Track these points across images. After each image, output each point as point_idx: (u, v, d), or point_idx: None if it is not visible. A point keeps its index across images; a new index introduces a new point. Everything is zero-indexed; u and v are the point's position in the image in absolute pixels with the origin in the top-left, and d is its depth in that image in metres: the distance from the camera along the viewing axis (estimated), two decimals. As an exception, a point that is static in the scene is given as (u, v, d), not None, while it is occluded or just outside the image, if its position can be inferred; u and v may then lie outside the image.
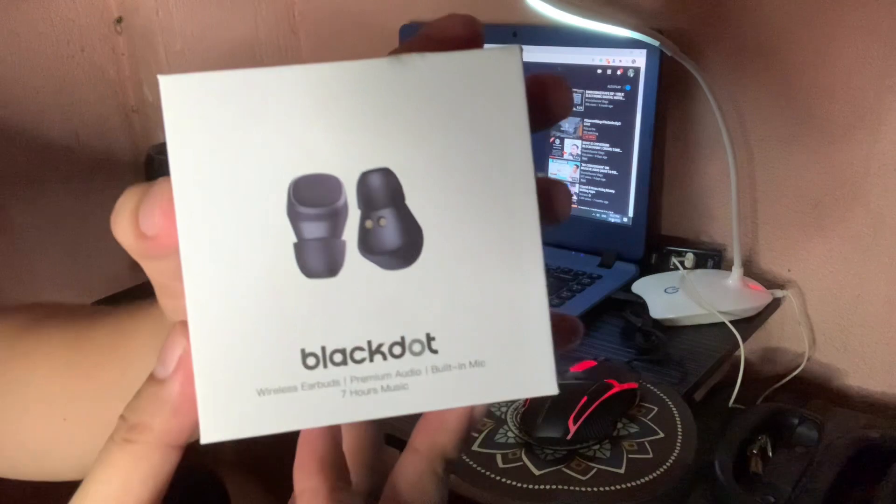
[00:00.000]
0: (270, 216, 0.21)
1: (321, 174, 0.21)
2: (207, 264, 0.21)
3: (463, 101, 0.22)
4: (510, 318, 0.22)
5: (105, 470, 0.23)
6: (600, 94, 1.03)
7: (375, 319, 0.21)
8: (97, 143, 1.21)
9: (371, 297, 0.21)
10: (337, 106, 0.21)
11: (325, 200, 0.21)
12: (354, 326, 0.21)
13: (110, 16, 1.20)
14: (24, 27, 1.10)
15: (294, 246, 0.21)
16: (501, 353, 0.22)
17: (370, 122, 0.21)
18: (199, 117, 0.21)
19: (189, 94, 0.21)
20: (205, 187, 0.21)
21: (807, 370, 0.98)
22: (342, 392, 0.21)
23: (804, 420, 0.82)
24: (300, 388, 0.21)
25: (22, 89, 1.12)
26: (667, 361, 0.86)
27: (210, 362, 0.21)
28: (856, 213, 0.93)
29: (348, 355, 0.21)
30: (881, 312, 0.94)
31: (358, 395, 0.21)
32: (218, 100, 0.21)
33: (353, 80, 0.21)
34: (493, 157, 0.22)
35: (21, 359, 0.41)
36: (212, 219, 0.21)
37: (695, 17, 0.98)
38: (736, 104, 0.97)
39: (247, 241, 0.21)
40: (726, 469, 0.74)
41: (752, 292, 0.94)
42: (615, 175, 1.04)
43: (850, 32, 0.88)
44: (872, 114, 0.89)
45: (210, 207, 0.21)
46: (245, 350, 0.21)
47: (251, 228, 0.21)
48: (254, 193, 0.21)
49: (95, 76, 1.19)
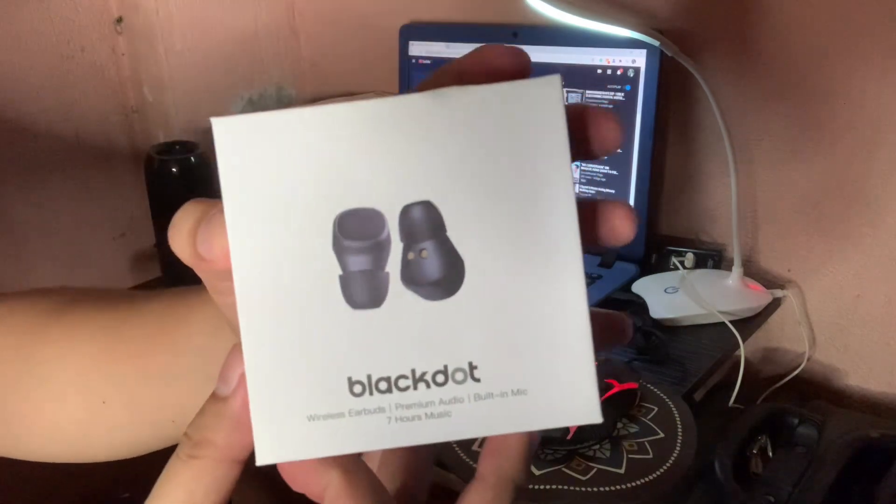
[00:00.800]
0: (318, 250, 0.22)
1: (365, 208, 0.22)
2: (259, 296, 0.22)
3: (503, 134, 0.22)
4: (552, 348, 0.22)
5: (170, 484, 0.24)
6: (600, 94, 1.03)
7: (419, 349, 0.22)
8: (97, 143, 1.21)
9: (414, 326, 0.22)
10: (378, 141, 0.22)
11: (369, 234, 0.22)
12: (399, 355, 0.22)
13: (110, 16, 1.20)
14: (24, 27, 1.10)
15: (340, 278, 0.22)
16: (544, 382, 0.22)
17: (411, 156, 0.22)
18: (250, 156, 0.22)
19: (239, 135, 0.22)
20: (256, 222, 0.22)
21: (807, 370, 0.98)
22: (388, 419, 0.22)
23: (804, 420, 0.82)
24: (347, 415, 0.22)
25: (22, 89, 1.12)
26: (667, 361, 0.86)
27: (263, 390, 0.22)
28: (856, 213, 0.93)
29: (393, 383, 0.22)
30: (881, 312, 0.94)
31: (403, 421, 0.22)
32: (266, 139, 0.22)
33: (394, 116, 0.22)
34: (533, 188, 0.22)
35: (53, 344, 0.41)
36: (263, 252, 0.22)
37: (695, 18, 0.98)
38: (736, 104, 0.97)
39: (296, 273, 0.22)
40: (726, 469, 0.74)
41: (752, 292, 0.94)
42: (615, 175, 1.04)
43: (851, 32, 0.88)
44: (872, 114, 0.89)
45: (261, 242, 0.22)
46: (295, 378, 0.22)
47: (300, 261, 0.22)
48: (302, 228, 0.22)
49: (95, 76, 1.19)
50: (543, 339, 0.22)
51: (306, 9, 1.36)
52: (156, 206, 1.06)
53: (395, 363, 0.22)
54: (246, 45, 1.30)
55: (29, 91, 1.12)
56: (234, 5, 1.27)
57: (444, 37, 1.16)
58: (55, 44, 1.14)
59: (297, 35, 1.37)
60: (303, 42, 1.38)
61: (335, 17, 1.34)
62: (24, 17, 1.10)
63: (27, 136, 1.13)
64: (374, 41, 1.28)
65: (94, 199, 1.22)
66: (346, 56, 1.35)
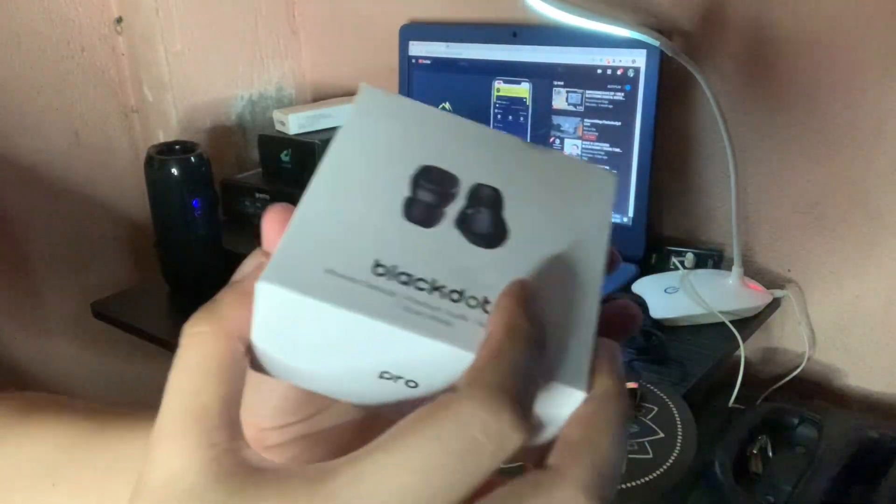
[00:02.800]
0: (399, 175, 0.26)
1: (449, 171, 0.27)
2: (338, 171, 0.26)
3: (567, 182, 0.29)
4: (562, 314, 0.25)
5: (178, 370, 0.23)
6: (600, 94, 1.03)
7: (446, 269, 0.24)
8: (97, 143, 1.21)
9: (449, 254, 0.25)
10: (477, 141, 0.28)
11: (443, 183, 0.26)
12: (427, 264, 0.24)
13: (110, 16, 1.20)
14: (24, 27, 1.10)
15: (405, 199, 0.26)
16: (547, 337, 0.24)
17: (494, 158, 0.28)
18: (382, 108, 0.28)
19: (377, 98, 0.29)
20: (365, 138, 0.27)
21: (807, 370, 0.98)
22: (395, 302, 0.23)
23: (804, 420, 0.82)
24: (361, 284, 0.23)
25: (22, 89, 1.12)
26: (667, 361, 0.85)
27: (298, 233, 0.24)
28: (856, 213, 0.93)
29: (413, 281, 0.24)
30: (881, 312, 0.94)
31: (408, 311, 0.23)
32: (397, 105, 0.29)
33: (492, 134, 0.29)
34: (577, 218, 0.28)
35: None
36: (358, 153, 0.26)
37: (695, 18, 0.98)
38: (736, 104, 0.97)
39: (375, 178, 0.26)
40: (726, 469, 0.74)
41: (752, 292, 0.94)
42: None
43: (851, 32, 0.88)
44: (872, 114, 0.89)
45: (361, 146, 0.27)
46: (332, 237, 0.24)
47: (380, 172, 0.26)
48: (394, 156, 0.27)
49: (95, 76, 1.19)
50: (555, 307, 0.25)
51: (306, 9, 1.36)
52: (156, 206, 1.06)
53: (421, 268, 0.24)
54: (246, 45, 1.30)
55: (29, 91, 1.13)
56: (234, 5, 1.27)
57: (444, 37, 1.16)
58: (55, 44, 1.14)
59: (297, 35, 1.37)
60: (303, 42, 1.38)
61: (335, 17, 1.34)
62: (24, 17, 1.10)
63: (27, 136, 1.13)
64: (374, 41, 1.28)
65: (94, 199, 1.22)
66: (346, 56, 1.35)
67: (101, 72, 1.20)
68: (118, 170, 1.24)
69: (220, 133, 1.29)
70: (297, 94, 1.39)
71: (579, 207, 0.28)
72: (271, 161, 1.21)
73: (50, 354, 1.22)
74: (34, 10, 1.11)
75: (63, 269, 1.21)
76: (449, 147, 0.28)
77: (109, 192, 1.23)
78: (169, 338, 1.02)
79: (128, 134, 1.25)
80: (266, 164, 1.23)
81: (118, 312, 1.08)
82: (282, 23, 1.35)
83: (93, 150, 1.21)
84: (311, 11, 1.35)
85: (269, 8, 1.32)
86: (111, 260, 1.26)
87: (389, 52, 1.22)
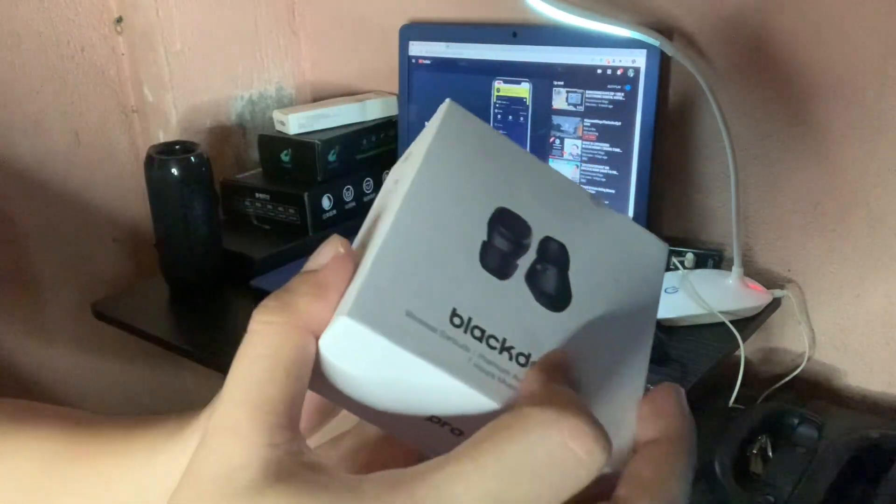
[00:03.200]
0: (477, 214, 0.26)
1: (522, 217, 0.27)
2: (420, 209, 0.25)
3: (625, 246, 0.29)
4: (611, 392, 0.26)
5: (246, 359, 0.23)
6: (600, 94, 1.03)
7: (516, 328, 0.24)
8: (97, 143, 1.21)
9: (519, 312, 0.25)
10: (547, 186, 0.28)
11: (519, 231, 0.26)
12: (500, 321, 0.24)
13: (110, 16, 1.20)
14: (24, 27, 1.10)
15: (483, 243, 0.25)
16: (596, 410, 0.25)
17: (562, 209, 0.28)
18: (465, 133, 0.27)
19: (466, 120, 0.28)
20: (447, 168, 0.26)
21: (807, 370, 0.98)
22: (468, 358, 0.23)
23: (804, 420, 0.82)
24: (438, 333, 0.23)
25: (22, 89, 1.12)
26: (667, 361, 0.85)
27: (385, 267, 0.23)
28: (856, 212, 0.93)
29: (485, 337, 0.24)
30: (881, 312, 0.94)
31: (479, 368, 0.23)
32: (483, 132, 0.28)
33: (561, 180, 0.29)
34: (633, 288, 0.28)
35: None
36: (440, 186, 0.26)
37: (695, 17, 0.98)
38: (736, 104, 0.97)
39: (454, 212, 0.25)
40: (726, 469, 0.74)
41: (752, 292, 0.94)
42: (615, 175, 1.04)
43: (851, 31, 0.88)
44: (872, 114, 0.89)
45: (443, 179, 0.26)
46: (415, 278, 0.24)
47: (461, 209, 0.26)
48: (474, 193, 0.26)
49: (95, 76, 1.19)
50: (602, 390, 0.25)
51: (306, 9, 1.36)
52: (156, 206, 1.06)
53: (495, 324, 0.24)
54: (246, 45, 1.30)
55: (29, 91, 1.13)
56: (234, 5, 1.27)
57: (444, 37, 1.16)
58: (55, 44, 1.14)
59: (297, 35, 1.37)
60: (303, 42, 1.38)
61: (335, 17, 1.34)
62: (24, 17, 1.10)
63: (27, 136, 1.13)
64: (374, 41, 1.28)
65: (94, 199, 1.22)
66: (346, 56, 1.35)
67: (101, 72, 1.20)
68: (118, 170, 1.24)
69: (220, 133, 1.29)
70: (297, 94, 1.39)
71: (635, 274, 0.29)
72: (271, 161, 1.21)
73: (50, 354, 1.22)
74: (34, 9, 1.11)
75: (63, 269, 1.21)
76: (523, 189, 0.27)
77: (109, 192, 1.23)
78: (169, 338, 1.03)
79: (128, 134, 1.25)
80: (266, 164, 1.23)
81: (118, 312, 1.08)
82: (282, 23, 1.35)
83: (93, 150, 1.21)
84: (311, 11, 1.35)
85: (269, 8, 1.32)
86: (111, 260, 1.26)
87: (389, 52, 1.22)
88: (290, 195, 1.15)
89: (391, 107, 1.26)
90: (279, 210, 1.16)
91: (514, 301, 0.25)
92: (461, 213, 0.26)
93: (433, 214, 0.25)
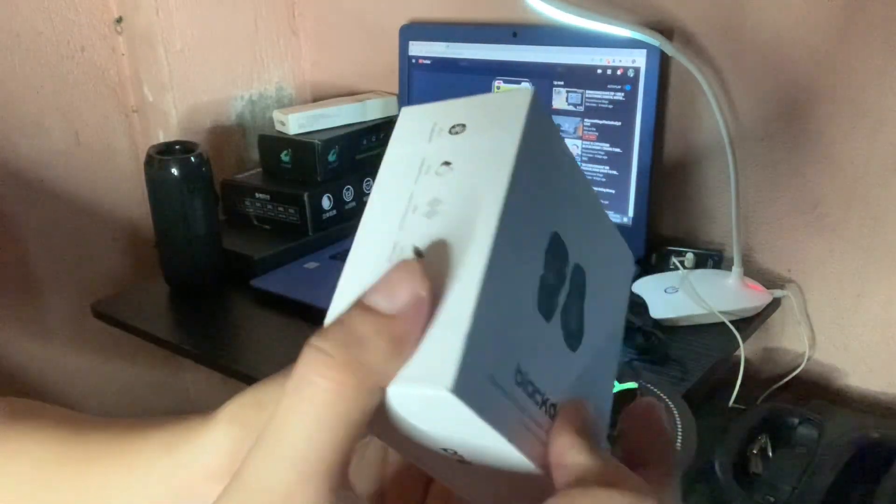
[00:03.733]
0: (540, 245, 0.24)
1: (565, 244, 0.26)
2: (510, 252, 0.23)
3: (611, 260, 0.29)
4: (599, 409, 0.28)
5: (308, 410, 0.20)
6: (600, 94, 1.03)
7: (550, 378, 0.24)
8: (97, 143, 1.21)
9: (556, 358, 0.25)
10: (578, 198, 0.27)
11: (561, 259, 0.25)
12: (543, 373, 0.24)
13: (110, 16, 1.20)
14: (24, 27, 1.10)
15: (540, 277, 0.24)
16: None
17: (585, 229, 0.27)
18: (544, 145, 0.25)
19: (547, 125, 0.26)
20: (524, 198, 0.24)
21: (807, 370, 0.98)
22: (522, 422, 0.23)
23: (804, 420, 0.82)
24: (507, 396, 0.22)
25: (22, 89, 1.12)
26: (667, 361, 0.85)
27: (481, 330, 0.21)
28: (856, 213, 0.93)
29: (534, 393, 0.24)
30: (881, 312, 0.94)
31: (528, 430, 0.23)
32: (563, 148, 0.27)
33: (588, 189, 0.28)
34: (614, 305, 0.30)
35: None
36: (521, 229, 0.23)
37: (695, 17, 0.98)
38: (736, 104, 0.97)
39: (530, 246, 0.24)
40: (726, 469, 0.74)
41: (752, 292, 0.94)
42: (615, 175, 1.04)
43: (851, 31, 0.88)
44: (872, 114, 0.89)
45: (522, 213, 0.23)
46: (502, 338, 0.22)
47: (534, 244, 0.24)
48: (542, 219, 0.24)
49: (95, 76, 1.19)
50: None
51: (306, 9, 1.36)
52: (156, 206, 1.06)
53: (541, 377, 0.24)
54: (246, 44, 1.30)
55: (29, 91, 1.13)
56: (234, 5, 1.27)
57: (444, 37, 1.16)
58: (55, 44, 1.14)
59: (297, 35, 1.37)
60: (303, 42, 1.38)
61: (335, 17, 1.34)
62: (24, 17, 1.10)
63: (27, 136, 1.13)
64: (374, 41, 1.28)
65: (94, 199, 1.22)
66: (346, 56, 1.35)
67: (101, 72, 1.20)
68: (118, 170, 1.24)
69: (220, 133, 1.29)
70: (297, 94, 1.39)
71: (617, 292, 0.29)
72: (271, 161, 1.21)
73: (50, 354, 1.22)
74: (34, 9, 1.11)
75: (63, 269, 1.21)
76: (565, 204, 0.26)
77: (109, 192, 1.23)
78: (169, 338, 1.03)
79: (128, 134, 1.25)
80: (266, 164, 1.23)
81: (118, 312, 1.07)
82: (282, 23, 1.35)
83: (93, 150, 1.21)
84: (311, 11, 1.35)
85: (269, 8, 1.32)
86: (111, 260, 1.26)
87: (389, 52, 1.22)
88: (290, 195, 1.15)
89: (391, 107, 1.26)
90: (279, 210, 1.16)
91: (552, 346, 0.25)
92: (534, 244, 0.24)
93: (517, 255, 0.23)
